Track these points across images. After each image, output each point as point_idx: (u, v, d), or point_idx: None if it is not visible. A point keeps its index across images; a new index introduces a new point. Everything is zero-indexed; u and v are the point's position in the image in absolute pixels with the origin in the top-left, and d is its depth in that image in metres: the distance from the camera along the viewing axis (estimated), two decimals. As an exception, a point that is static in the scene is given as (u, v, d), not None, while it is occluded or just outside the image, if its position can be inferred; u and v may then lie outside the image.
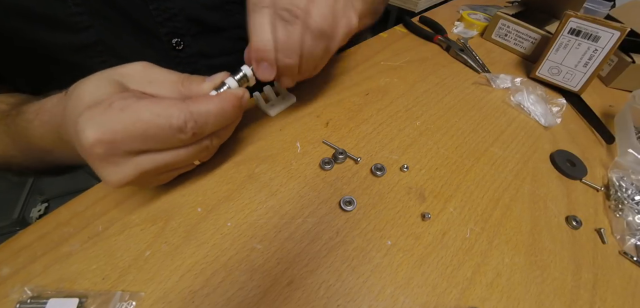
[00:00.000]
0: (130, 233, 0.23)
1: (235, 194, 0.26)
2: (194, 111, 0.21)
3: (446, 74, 0.45)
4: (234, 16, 0.37)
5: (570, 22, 0.40)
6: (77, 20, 0.29)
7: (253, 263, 0.22)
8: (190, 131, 0.21)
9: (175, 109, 0.20)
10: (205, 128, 0.22)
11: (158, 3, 0.32)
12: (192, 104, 0.21)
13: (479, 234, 0.26)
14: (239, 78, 0.26)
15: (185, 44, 0.35)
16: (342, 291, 0.22)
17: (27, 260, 0.22)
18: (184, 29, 0.35)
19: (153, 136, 0.20)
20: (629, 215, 0.28)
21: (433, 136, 0.34)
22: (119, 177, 0.20)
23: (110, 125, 0.19)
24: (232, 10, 0.37)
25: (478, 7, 0.63)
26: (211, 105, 0.22)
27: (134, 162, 0.20)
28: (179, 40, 0.35)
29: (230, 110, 0.23)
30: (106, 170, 0.20)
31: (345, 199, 0.26)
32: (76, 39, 0.29)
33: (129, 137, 0.19)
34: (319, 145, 0.31)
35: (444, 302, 0.22)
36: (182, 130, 0.20)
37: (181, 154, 0.22)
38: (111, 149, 0.19)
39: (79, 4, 0.28)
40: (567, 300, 0.23)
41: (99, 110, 0.19)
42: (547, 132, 0.37)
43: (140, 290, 0.21)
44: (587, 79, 0.41)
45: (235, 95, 0.23)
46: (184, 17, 0.34)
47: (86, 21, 0.29)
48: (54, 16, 0.28)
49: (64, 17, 0.28)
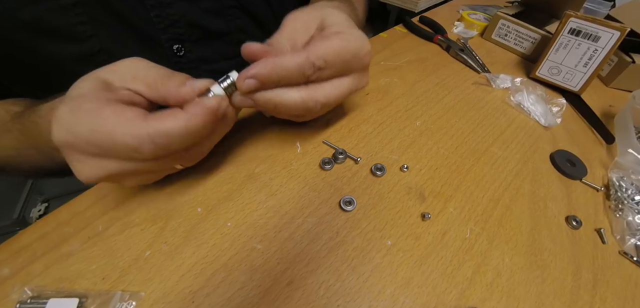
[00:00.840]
0: (130, 233, 0.23)
1: (235, 194, 0.26)
2: (152, 132, 0.19)
3: (446, 74, 0.45)
4: (235, 21, 0.38)
5: (570, 22, 0.40)
6: (81, 30, 0.29)
7: (253, 263, 0.22)
8: (148, 152, 0.19)
9: (131, 126, 0.18)
10: (168, 147, 0.20)
11: (160, 9, 0.32)
12: (153, 122, 0.19)
13: (479, 234, 0.26)
14: (225, 85, 0.22)
15: (186, 49, 0.35)
16: (342, 291, 0.22)
17: (27, 260, 0.22)
18: (185, 35, 0.35)
19: (109, 149, 0.19)
20: (629, 215, 0.28)
21: (433, 136, 0.34)
22: (85, 173, 0.20)
23: (73, 127, 0.18)
24: (234, 15, 0.37)
25: (478, 7, 0.63)
26: (175, 125, 0.19)
27: (98, 164, 0.20)
28: (180, 46, 0.35)
29: (199, 126, 0.20)
30: (74, 166, 0.20)
31: (345, 199, 0.26)
32: (80, 48, 0.30)
33: (87, 143, 0.19)
34: (319, 145, 0.31)
35: (444, 302, 0.22)
36: (137, 151, 0.19)
37: (146, 166, 0.21)
38: (74, 148, 0.19)
39: (82, 13, 0.29)
40: (567, 300, 0.23)
41: (69, 110, 0.19)
42: (547, 132, 0.37)
43: (140, 290, 0.21)
44: (587, 79, 0.41)
45: (207, 109, 0.20)
46: (185, 23, 0.34)
47: (89, 30, 0.30)
48: (59, 27, 0.28)
49: (67, 28, 0.28)
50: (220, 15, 0.36)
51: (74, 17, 0.28)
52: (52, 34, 0.28)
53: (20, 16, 0.27)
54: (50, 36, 0.28)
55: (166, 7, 0.32)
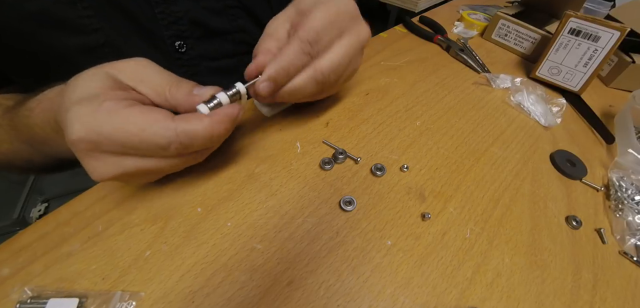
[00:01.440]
0: (130, 233, 0.23)
1: (235, 194, 0.26)
2: (180, 132, 0.20)
3: (446, 74, 0.45)
4: (237, 21, 0.38)
5: (570, 22, 0.40)
6: (87, 23, 0.30)
7: (253, 263, 0.22)
8: (174, 151, 0.20)
9: (161, 127, 0.20)
10: (190, 148, 0.21)
11: (164, 6, 0.33)
12: (181, 123, 0.20)
13: (479, 234, 0.26)
14: (231, 94, 0.24)
15: (188, 46, 0.36)
16: (342, 291, 0.22)
17: (27, 260, 0.22)
18: (188, 32, 0.35)
19: (135, 146, 0.20)
20: (629, 215, 0.28)
21: (433, 136, 0.34)
22: (100, 172, 0.20)
23: (96, 126, 0.19)
24: (235, 14, 0.38)
25: (478, 7, 0.63)
26: (200, 127, 0.20)
27: (117, 162, 0.20)
28: (182, 43, 0.35)
29: (222, 131, 0.22)
30: (90, 165, 0.20)
31: (345, 199, 0.26)
32: (86, 40, 0.30)
33: (111, 142, 0.19)
34: (319, 145, 0.31)
35: (444, 302, 0.22)
36: (165, 149, 0.20)
37: (165, 164, 0.22)
38: (95, 147, 0.19)
39: (88, 7, 0.29)
40: (567, 300, 0.23)
41: (89, 108, 0.19)
42: (547, 132, 0.37)
43: (140, 290, 0.21)
44: (587, 79, 0.41)
45: (229, 116, 0.22)
46: (188, 21, 0.35)
47: (95, 23, 0.30)
48: (66, 18, 0.29)
49: (74, 19, 0.29)
50: (222, 14, 0.37)
51: (80, 10, 0.29)
52: (58, 25, 0.29)
53: (28, 7, 0.27)
54: (55, 27, 0.29)
55: (170, 5, 0.33)
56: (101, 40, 0.31)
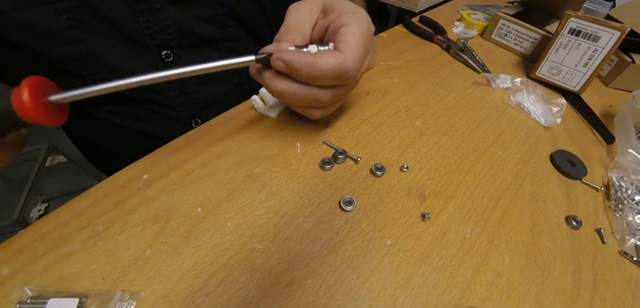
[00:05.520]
0: (130, 233, 0.23)
1: (235, 194, 0.26)
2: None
3: (446, 74, 0.45)
4: (227, 29, 0.38)
5: (570, 22, 0.40)
6: (70, 34, 0.30)
7: (253, 263, 0.22)
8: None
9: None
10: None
11: (149, 15, 0.32)
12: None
13: (479, 234, 0.26)
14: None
15: (175, 55, 0.35)
16: (342, 291, 0.22)
17: (27, 260, 0.22)
18: (174, 41, 0.35)
19: None
20: (629, 215, 0.28)
21: (433, 136, 0.34)
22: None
23: None
24: (226, 23, 0.37)
25: (478, 7, 0.63)
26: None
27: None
28: (168, 52, 0.35)
29: None
30: None
31: (345, 199, 0.26)
32: (69, 51, 0.31)
33: None
34: (319, 145, 0.31)
35: (444, 302, 0.22)
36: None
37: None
38: None
39: (72, 18, 0.29)
40: (567, 300, 0.23)
41: None
42: (547, 132, 0.37)
43: (140, 290, 0.21)
44: (587, 79, 0.42)
45: None
46: (175, 30, 0.34)
47: (78, 35, 0.30)
48: (50, 29, 0.29)
49: (57, 31, 0.29)
50: (213, 22, 0.36)
51: (64, 21, 0.29)
52: (43, 36, 0.29)
53: (14, 17, 0.27)
54: (41, 38, 0.29)
55: (156, 13, 0.32)
56: (84, 51, 0.31)
